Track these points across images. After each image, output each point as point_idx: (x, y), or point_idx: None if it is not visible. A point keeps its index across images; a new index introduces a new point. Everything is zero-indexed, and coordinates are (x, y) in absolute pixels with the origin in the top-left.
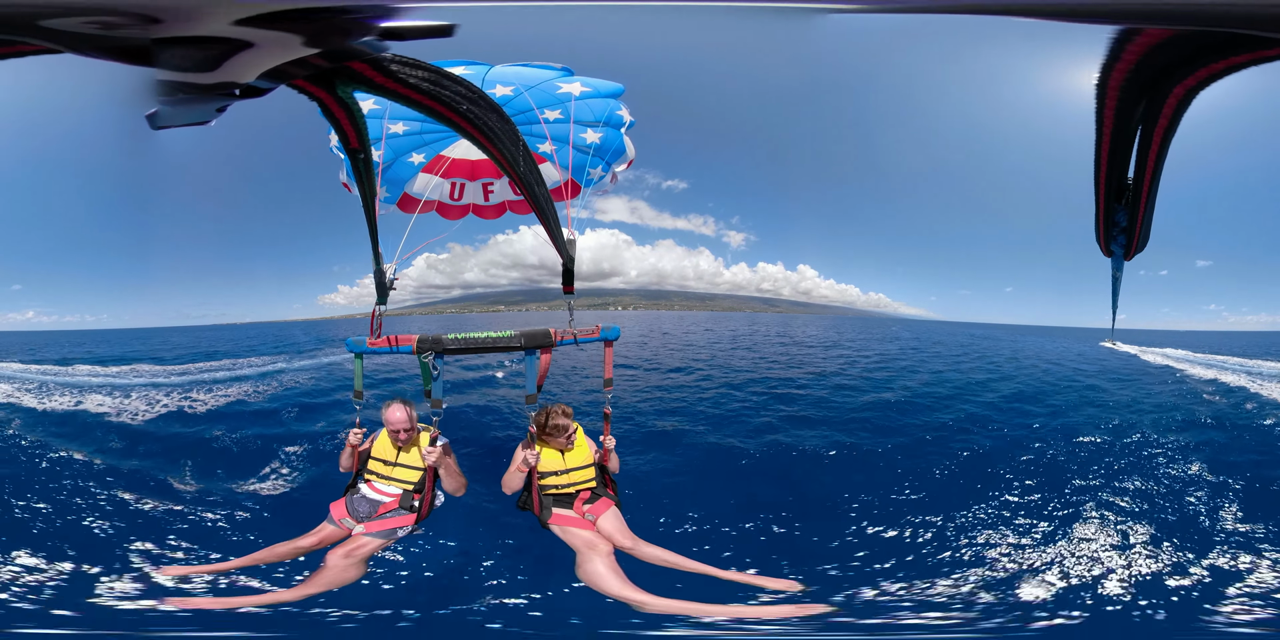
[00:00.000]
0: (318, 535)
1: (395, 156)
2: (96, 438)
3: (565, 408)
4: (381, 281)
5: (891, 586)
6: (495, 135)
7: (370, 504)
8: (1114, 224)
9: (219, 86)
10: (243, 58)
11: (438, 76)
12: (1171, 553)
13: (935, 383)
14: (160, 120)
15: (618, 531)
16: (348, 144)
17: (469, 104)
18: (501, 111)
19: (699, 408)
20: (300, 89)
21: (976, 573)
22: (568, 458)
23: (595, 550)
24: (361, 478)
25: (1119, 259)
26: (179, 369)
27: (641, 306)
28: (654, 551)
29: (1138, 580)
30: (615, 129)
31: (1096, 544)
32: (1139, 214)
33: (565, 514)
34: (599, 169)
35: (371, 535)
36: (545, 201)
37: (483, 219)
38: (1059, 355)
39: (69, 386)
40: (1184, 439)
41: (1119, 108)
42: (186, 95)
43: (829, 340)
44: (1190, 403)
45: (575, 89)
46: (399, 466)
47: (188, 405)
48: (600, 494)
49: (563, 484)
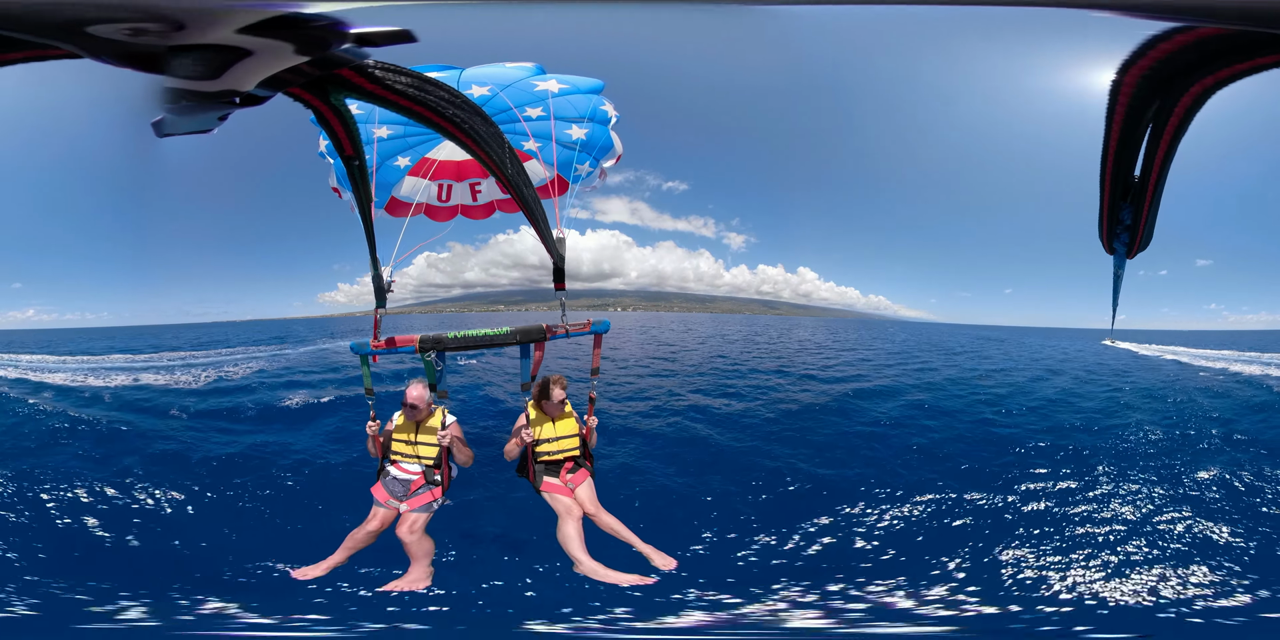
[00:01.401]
0: (377, 519)
1: (381, 161)
2: (168, 402)
3: (559, 378)
4: (380, 286)
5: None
6: (481, 138)
7: (402, 484)
8: (1118, 221)
9: (222, 94)
10: (246, 66)
11: (420, 82)
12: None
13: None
14: (165, 128)
15: (588, 500)
16: (342, 151)
17: (454, 108)
18: (485, 115)
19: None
20: (296, 97)
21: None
22: (558, 426)
23: (571, 515)
24: (388, 460)
25: (1121, 257)
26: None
27: (641, 308)
28: (608, 520)
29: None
30: (600, 125)
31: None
32: (1144, 211)
33: (553, 482)
34: (586, 165)
35: (416, 511)
36: (534, 202)
37: (471, 219)
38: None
39: (116, 370)
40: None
41: (1132, 104)
42: (191, 103)
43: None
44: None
45: (552, 86)
46: (418, 444)
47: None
48: (581, 464)
49: (553, 451)
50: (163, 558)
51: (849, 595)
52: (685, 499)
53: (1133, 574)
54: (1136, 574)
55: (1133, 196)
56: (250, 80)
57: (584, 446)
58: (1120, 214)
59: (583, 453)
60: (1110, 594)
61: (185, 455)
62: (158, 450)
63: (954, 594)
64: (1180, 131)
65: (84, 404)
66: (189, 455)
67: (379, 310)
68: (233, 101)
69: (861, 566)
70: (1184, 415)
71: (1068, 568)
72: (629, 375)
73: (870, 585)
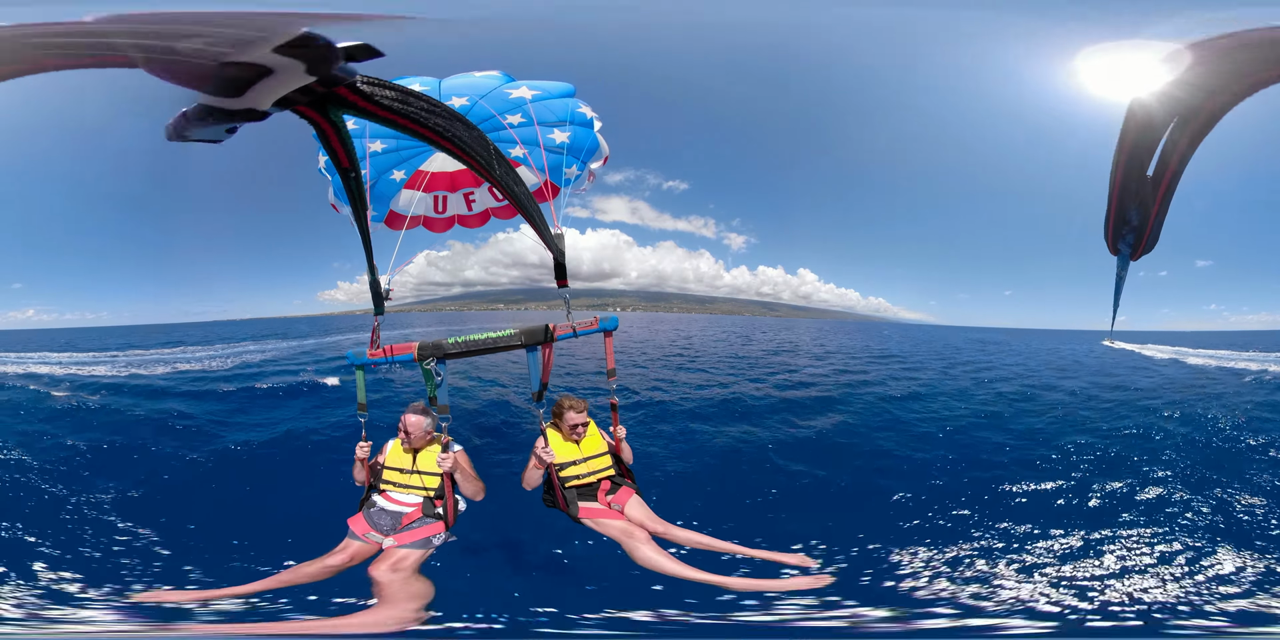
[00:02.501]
0: (346, 552)
1: (378, 175)
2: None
3: (577, 401)
4: (377, 292)
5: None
6: (465, 143)
7: (392, 516)
8: (1125, 222)
9: (239, 114)
10: (267, 85)
11: (403, 94)
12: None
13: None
14: (176, 134)
15: (647, 518)
16: (339, 164)
17: (436, 117)
18: (466, 120)
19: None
20: (301, 114)
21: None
22: (584, 447)
23: (634, 537)
24: (376, 489)
25: (1125, 258)
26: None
27: (641, 308)
28: (686, 535)
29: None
30: (582, 127)
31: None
32: (1153, 212)
33: (592, 506)
34: (574, 168)
35: (408, 546)
36: (527, 200)
37: (468, 228)
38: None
39: (147, 362)
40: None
41: (1162, 108)
42: (210, 118)
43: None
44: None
45: (525, 93)
46: (416, 474)
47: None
48: (620, 483)
49: (583, 473)
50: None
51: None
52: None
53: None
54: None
55: (1143, 197)
56: (268, 99)
57: (619, 463)
58: (1128, 215)
59: (619, 470)
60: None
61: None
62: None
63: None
64: (1202, 134)
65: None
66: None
67: (378, 318)
68: (245, 117)
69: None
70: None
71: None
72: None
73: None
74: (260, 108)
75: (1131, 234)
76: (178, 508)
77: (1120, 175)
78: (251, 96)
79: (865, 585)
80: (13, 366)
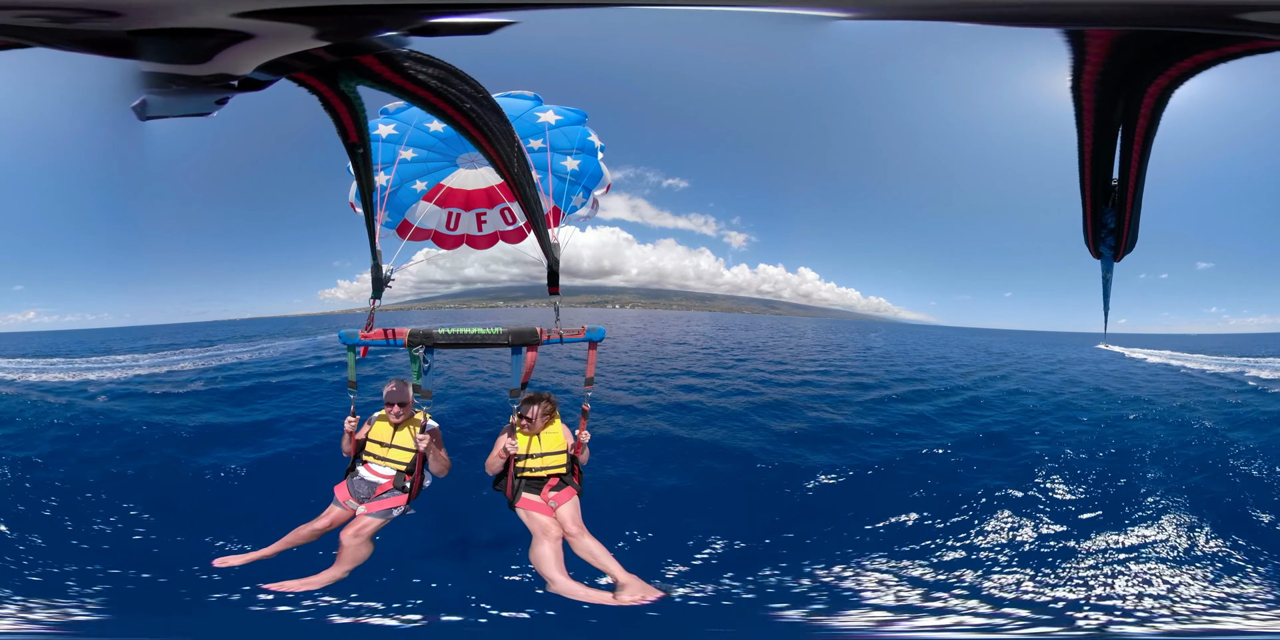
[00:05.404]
0: (328, 517)
1: (401, 182)
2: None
3: (549, 396)
4: (378, 276)
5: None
6: (493, 134)
7: (369, 486)
8: (1102, 225)
9: (212, 79)
10: (238, 50)
11: (448, 75)
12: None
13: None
14: (149, 111)
15: (570, 519)
16: (347, 138)
17: (472, 103)
18: (502, 113)
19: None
20: (300, 82)
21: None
22: (544, 442)
23: (547, 535)
24: (360, 460)
25: (1108, 261)
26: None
27: (641, 305)
28: (589, 544)
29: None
30: (589, 155)
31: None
32: (1126, 215)
33: (532, 499)
34: (580, 195)
35: (372, 515)
36: (535, 203)
37: (475, 249)
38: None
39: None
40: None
41: (1096, 108)
42: (176, 87)
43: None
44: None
45: (550, 118)
46: (393, 448)
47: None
48: (567, 483)
49: (535, 467)
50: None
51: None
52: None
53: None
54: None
55: (1114, 200)
56: (246, 65)
57: (572, 463)
58: (1104, 218)
59: (570, 470)
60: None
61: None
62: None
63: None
64: (1151, 132)
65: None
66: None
67: (374, 301)
68: (230, 85)
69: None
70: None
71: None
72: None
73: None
74: (238, 74)
75: (1111, 236)
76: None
77: (1087, 179)
78: (222, 62)
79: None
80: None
